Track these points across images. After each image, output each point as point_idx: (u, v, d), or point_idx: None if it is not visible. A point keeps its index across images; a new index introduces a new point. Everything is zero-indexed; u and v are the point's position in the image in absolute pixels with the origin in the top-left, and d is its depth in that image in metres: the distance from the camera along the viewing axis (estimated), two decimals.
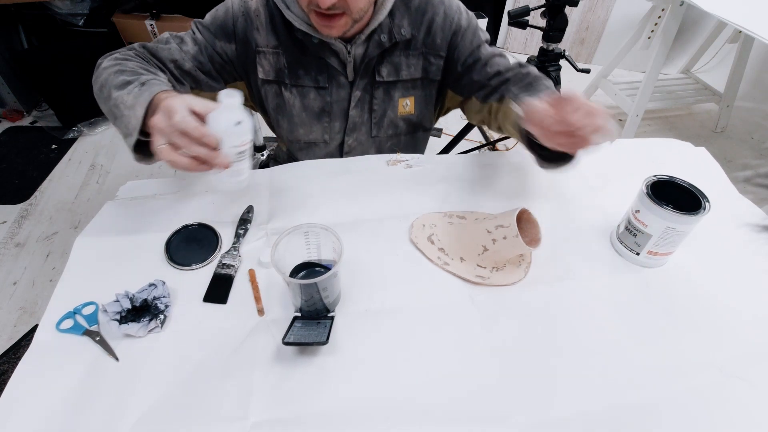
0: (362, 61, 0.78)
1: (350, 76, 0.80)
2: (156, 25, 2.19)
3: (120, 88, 0.63)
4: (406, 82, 0.83)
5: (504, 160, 0.86)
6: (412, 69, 0.82)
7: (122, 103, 0.61)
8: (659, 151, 0.88)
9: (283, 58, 0.78)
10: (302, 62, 0.79)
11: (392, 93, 0.84)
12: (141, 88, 0.61)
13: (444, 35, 0.80)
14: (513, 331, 0.58)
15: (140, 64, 0.69)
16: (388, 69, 0.80)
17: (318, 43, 0.75)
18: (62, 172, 1.92)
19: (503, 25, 2.84)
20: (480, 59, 0.80)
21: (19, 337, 1.26)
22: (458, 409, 0.50)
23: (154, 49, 0.74)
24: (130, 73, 0.65)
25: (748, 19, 1.40)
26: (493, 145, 2.00)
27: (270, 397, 0.50)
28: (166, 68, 0.74)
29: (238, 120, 0.50)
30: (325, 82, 0.80)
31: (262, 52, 0.78)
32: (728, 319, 0.60)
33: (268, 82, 0.81)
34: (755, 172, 1.97)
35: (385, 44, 0.77)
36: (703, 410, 0.50)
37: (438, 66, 0.82)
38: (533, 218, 0.61)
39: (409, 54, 0.80)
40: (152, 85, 0.62)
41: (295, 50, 0.78)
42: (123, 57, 0.70)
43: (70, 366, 0.53)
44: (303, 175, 0.81)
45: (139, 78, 0.64)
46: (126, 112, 0.61)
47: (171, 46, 0.75)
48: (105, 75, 0.66)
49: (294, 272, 0.62)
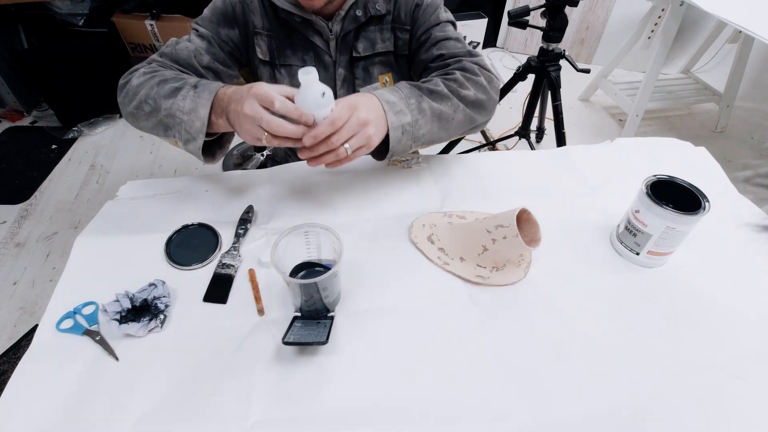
0: (340, 36, 0.80)
1: (334, 55, 0.82)
2: (156, 25, 2.19)
3: (170, 97, 0.64)
4: (382, 57, 0.84)
5: (504, 160, 0.86)
6: (386, 43, 0.83)
7: (179, 110, 0.62)
8: (659, 150, 0.88)
9: (273, 40, 0.80)
10: (289, 43, 0.80)
11: (371, 70, 0.85)
12: (196, 91, 0.63)
13: (407, 9, 0.80)
14: (513, 330, 0.58)
15: (175, 73, 0.69)
16: (364, 44, 0.82)
17: (301, 22, 0.77)
18: (62, 172, 1.92)
19: (503, 25, 2.84)
20: (431, 38, 0.80)
21: (19, 337, 1.27)
22: (458, 409, 0.50)
23: (173, 55, 0.74)
24: (175, 80, 0.65)
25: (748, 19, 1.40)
26: (493, 145, 2.00)
27: (270, 397, 0.50)
28: (190, 71, 0.74)
29: (322, 91, 0.54)
30: (312, 62, 0.82)
31: (259, 34, 0.79)
32: (728, 319, 0.60)
33: (263, 62, 0.83)
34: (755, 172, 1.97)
35: (361, 19, 0.78)
36: (704, 410, 0.50)
37: (404, 41, 0.83)
38: (533, 218, 0.61)
39: (382, 28, 0.82)
40: (206, 85, 0.64)
41: (282, 31, 0.79)
42: (153, 69, 0.70)
43: (70, 366, 0.53)
44: (303, 175, 0.81)
45: (187, 81, 0.65)
46: (185, 117, 0.62)
47: (184, 46, 0.75)
48: (144, 90, 0.66)
49: (294, 272, 0.62)
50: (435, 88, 0.68)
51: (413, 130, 0.65)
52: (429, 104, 0.66)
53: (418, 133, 0.66)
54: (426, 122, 0.66)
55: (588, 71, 1.61)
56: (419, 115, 0.65)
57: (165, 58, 0.74)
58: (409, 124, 0.64)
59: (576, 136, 2.17)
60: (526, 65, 1.65)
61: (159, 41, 2.27)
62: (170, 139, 0.67)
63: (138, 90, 0.67)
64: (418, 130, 0.65)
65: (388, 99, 0.63)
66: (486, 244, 0.62)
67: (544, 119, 1.99)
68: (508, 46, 2.90)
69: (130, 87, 0.68)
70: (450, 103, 0.68)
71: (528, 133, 1.91)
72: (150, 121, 0.67)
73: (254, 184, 0.79)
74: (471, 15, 2.61)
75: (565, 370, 0.54)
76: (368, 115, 0.59)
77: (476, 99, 0.71)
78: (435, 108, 0.66)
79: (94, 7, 2.14)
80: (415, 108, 0.64)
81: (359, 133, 0.58)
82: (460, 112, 0.70)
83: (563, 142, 1.68)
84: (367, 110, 0.59)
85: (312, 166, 0.59)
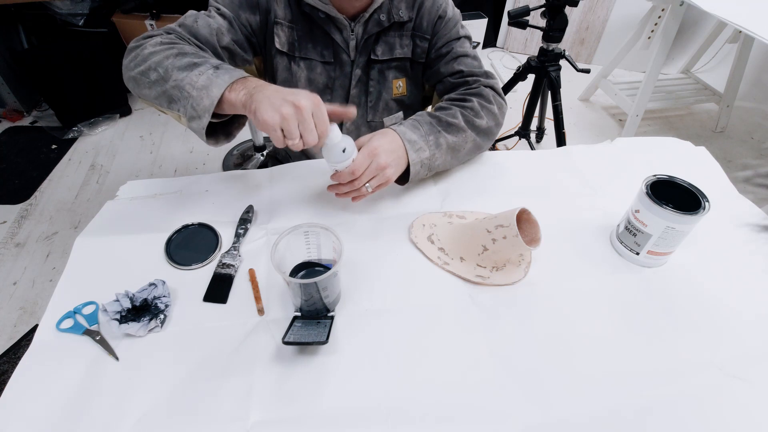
0: (362, 39, 0.81)
1: (352, 55, 0.83)
2: (156, 25, 2.19)
3: (185, 70, 0.61)
4: (398, 63, 0.86)
5: (504, 160, 0.86)
6: (405, 49, 0.85)
7: (189, 83, 0.60)
8: (659, 150, 0.88)
9: (294, 32, 0.80)
10: (311, 36, 0.81)
11: (386, 73, 0.86)
12: (216, 71, 0.61)
13: (430, 18, 0.82)
14: (513, 330, 0.58)
15: (195, 49, 0.67)
16: (383, 48, 0.83)
17: (324, 18, 0.77)
18: (62, 172, 1.92)
19: (503, 25, 2.84)
20: (451, 52, 0.83)
21: (19, 337, 1.26)
22: (458, 408, 0.50)
23: (193, 29, 0.72)
24: (194, 56, 0.63)
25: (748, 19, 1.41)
26: (493, 145, 2.00)
27: (270, 397, 0.50)
28: (208, 48, 0.73)
29: (343, 147, 0.62)
30: (331, 57, 0.83)
31: (280, 24, 0.79)
32: (728, 319, 0.60)
33: (281, 53, 0.82)
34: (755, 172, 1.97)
35: (384, 23, 0.80)
36: (704, 410, 0.50)
37: (423, 49, 0.85)
38: (533, 218, 0.61)
39: (402, 35, 0.83)
40: (229, 69, 0.62)
41: (305, 24, 0.80)
42: (171, 41, 0.67)
43: (70, 366, 0.53)
44: (303, 174, 0.81)
45: (209, 61, 0.63)
46: (194, 92, 0.59)
47: (206, 22, 0.72)
48: (157, 57, 0.63)
49: (294, 272, 0.62)
50: (453, 120, 0.74)
51: (430, 162, 0.72)
52: (445, 139, 0.73)
53: (434, 164, 0.74)
54: (441, 154, 0.74)
55: (588, 71, 1.61)
56: (436, 150, 0.72)
57: (184, 29, 0.71)
58: (427, 158, 0.72)
59: (576, 136, 2.17)
60: (526, 65, 1.65)
61: None
62: (173, 113, 0.64)
63: (149, 57, 0.64)
64: (434, 161, 0.73)
65: (410, 138, 0.70)
66: (486, 244, 0.62)
67: (544, 119, 1.99)
68: (508, 46, 2.90)
69: (141, 52, 0.65)
70: (464, 135, 0.75)
71: (528, 133, 1.92)
72: (153, 90, 0.64)
73: (254, 184, 0.79)
74: (471, 15, 2.61)
75: (565, 370, 0.54)
76: (387, 160, 0.66)
77: (487, 128, 0.78)
78: (450, 141, 0.74)
79: (94, 7, 2.14)
80: (433, 144, 0.72)
81: (378, 176, 0.66)
82: (471, 142, 0.77)
83: (563, 142, 1.68)
84: (387, 154, 0.67)
85: (338, 197, 0.69)
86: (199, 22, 0.72)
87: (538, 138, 2.08)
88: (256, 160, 1.96)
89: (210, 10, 0.76)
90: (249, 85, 0.59)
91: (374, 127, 0.92)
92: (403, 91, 0.90)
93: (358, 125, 0.92)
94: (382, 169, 0.66)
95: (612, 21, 2.59)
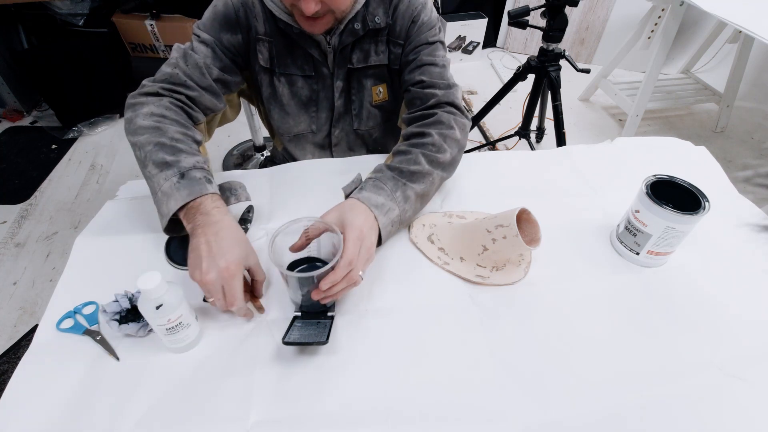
0: (338, 50, 0.79)
1: (331, 67, 0.81)
2: (156, 25, 2.19)
3: (158, 167, 0.62)
4: (375, 70, 0.84)
5: (504, 160, 0.86)
6: (380, 56, 0.82)
7: (158, 184, 0.61)
8: (659, 150, 0.88)
9: (273, 47, 0.79)
10: (289, 51, 0.80)
11: (363, 81, 0.84)
12: (179, 182, 0.60)
13: (404, 23, 0.79)
14: (513, 330, 0.58)
15: (180, 129, 0.66)
16: (358, 56, 0.81)
17: (299, 33, 0.76)
18: (62, 172, 1.92)
19: (503, 25, 2.84)
20: (417, 59, 0.79)
21: (19, 337, 1.26)
22: (458, 408, 0.50)
23: (187, 72, 0.72)
24: (170, 150, 0.63)
25: (748, 19, 1.40)
26: (493, 145, 2.00)
27: (270, 397, 0.51)
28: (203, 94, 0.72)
29: (157, 305, 0.50)
30: (311, 71, 0.82)
31: (261, 39, 0.78)
32: (728, 319, 0.60)
33: (264, 69, 0.82)
34: (755, 172, 1.97)
35: (359, 32, 0.77)
36: (704, 410, 0.50)
37: (396, 55, 0.82)
38: (533, 218, 0.61)
39: (378, 41, 0.81)
40: (191, 181, 0.61)
41: (282, 39, 0.79)
42: (161, 114, 0.67)
43: (70, 365, 0.53)
44: (303, 175, 0.81)
45: (180, 161, 0.62)
46: (159, 194, 0.61)
47: (194, 61, 0.72)
48: (143, 138, 0.64)
49: (292, 267, 0.62)
50: (415, 168, 0.68)
51: (401, 218, 0.67)
52: (413, 190, 0.68)
53: (405, 218, 0.68)
54: (410, 206, 0.68)
55: (588, 71, 1.61)
56: (405, 204, 0.67)
57: (179, 72, 0.71)
58: (397, 216, 0.66)
59: (576, 136, 2.17)
60: (526, 65, 1.65)
61: (159, 41, 2.27)
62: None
63: (138, 132, 0.65)
64: (405, 215, 0.67)
65: (376, 203, 0.64)
66: (486, 244, 0.62)
67: (544, 119, 1.99)
68: (508, 46, 2.90)
69: (134, 121, 0.66)
70: (431, 178, 0.70)
71: (528, 133, 1.91)
72: (139, 163, 0.66)
73: (254, 184, 0.79)
74: (471, 15, 2.62)
75: (565, 370, 0.54)
76: (372, 237, 0.61)
77: (452, 159, 0.73)
78: (418, 190, 0.68)
79: (94, 7, 2.14)
80: (401, 199, 0.66)
81: (369, 258, 0.60)
82: (438, 180, 0.71)
83: (563, 142, 1.68)
84: (370, 233, 0.61)
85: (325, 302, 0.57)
86: (189, 62, 0.72)
87: (538, 138, 2.08)
88: (256, 160, 1.96)
89: (192, 41, 0.75)
90: (195, 220, 0.58)
91: (362, 135, 0.92)
92: (384, 96, 0.87)
93: (347, 132, 0.91)
94: (370, 250, 0.60)
95: (612, 21, 2.59)
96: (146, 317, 0.51)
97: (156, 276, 0.48)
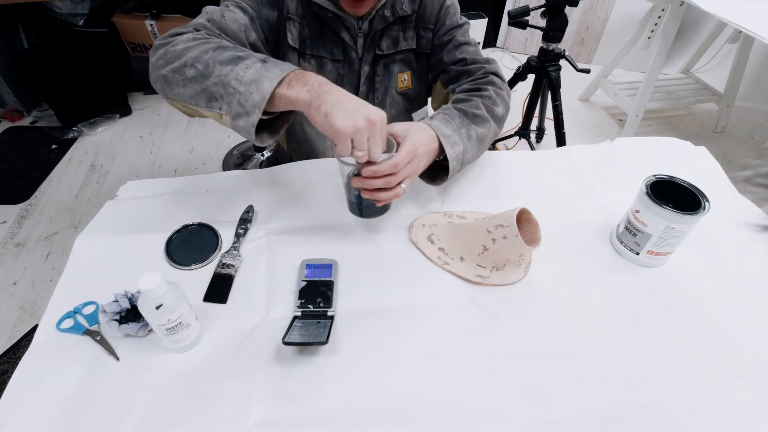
0: (368, 36, 0.81)
1: (360, 52, 0.83)
2: (156, 25, 2.19)
3: (229, 63, 0.56)
4: (403, 55, 0.86)
5: (504, 160, 0.86)
6: (409, 41, 0.85)
7: (236, 78, 0.55)
8: (659, 150, 0.88)
9: (305, 28, 0.80)
10: (321, 34, 0.81)
11: (391, 68, 0.87)
12: (264, 65, 0.56)
13: (433, 8, 0.83)
14: (513, 330, 0.58)
15: (236, 44, 0.64)
16: (388, 42, 0.84)
17: (332, 17, 0.78)
18: (62, 172, 1.92)
19: (503, 25, 2.84)
20: (453, 40, 0.84)
21: (19, 337, 1.26)
22: (458, 409, 0.50)
23: (221, 24, 0.68)
24: (237, 49, 0.59)
25: (748, 19, 1.40)
26: (493, 145, 2.00)
27: (270, 397, 0.51)
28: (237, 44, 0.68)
29: (157, 305, 0.49)
30: (340, 55, 0.83)
31: (292, 19, 0.79)
32: (728, 319, 0.60)
33: (292, 49, 0.81)
34: (755, 172, 1.97)
35: (389, 18, 0.80)
36: (703, 410, 0.50)
37: (428, 39, 0.86)
38: (533, 218, 0.61)
39: (406, 27, 0.84)
40: (278, 62, 0.58)
41: (315, 22, 0.80)
42: (205, 36, 0.63)
43: (70, 366, 0.53)
44: (303, 174, 0.81)
45: (253, 54, 0.59)
46: (242, 88, 0.55)
47: (233, 18, 0.69)
48: (194, 52, 0.58)
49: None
50: (478, 112, 0.74)
51: (463, 157, 0.71)
52: (475, 131, 0.72)
53: (466, 158, 0.72)
54: (471, 147, 0.72)
55: (588, 71, 1.61)
56: (468, 143, 0.71)
57: (213, 25, 0.67)
58: (461, 152, 0.70)
59: (576, 136, 2.17)
60: (526, 65, 1.65)
61: None
62: (213, 111, 0.58)
63: (184, 52, 0.59)
64: (466, 155, 0.71)
65: (445, 133, 0.68)
66: (486, 244, 0.62)
67: (544, 119, 1.99)
68: (508, 46, 2.90)
69: (172, 48, 0.60)
70: (489, 125, 0.75)
71: (528, 133, 1.92)
72: (190, 88, 0.58)
73: (254, 184, 0.79)
74: (471, 15, 2.61)
75: (565, 370, 0.54)
76: (424, 160, 0.65)
77: (503, 115, 0.79)
78: (479, 133, 0.73)
79: (94, 7, 2.14)
80: (465, 137, 0.71)
81: (411, 176, 0.63)
82: (493, 130, 0.77)
83: (563, 142, 1.68)
84: (425, 156, 0.64)
85: (365, 197, 0.61)
86: (226, 16, 0.69)
87: (538, 138, 2.08)
88: (256, 160, 1.96)
89: (227, 5, 0.72)
90: (311, 82, 0.56)
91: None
92: (408, 84, 0.90)
93: None
94: (416, 169, 0.63)
95: (612, 21, 2.59)
96: (146, 317, 0.51)
97: (156, 276, 0.48)
